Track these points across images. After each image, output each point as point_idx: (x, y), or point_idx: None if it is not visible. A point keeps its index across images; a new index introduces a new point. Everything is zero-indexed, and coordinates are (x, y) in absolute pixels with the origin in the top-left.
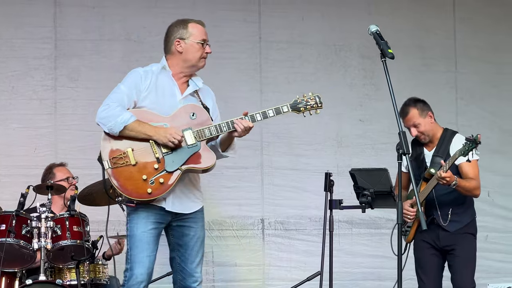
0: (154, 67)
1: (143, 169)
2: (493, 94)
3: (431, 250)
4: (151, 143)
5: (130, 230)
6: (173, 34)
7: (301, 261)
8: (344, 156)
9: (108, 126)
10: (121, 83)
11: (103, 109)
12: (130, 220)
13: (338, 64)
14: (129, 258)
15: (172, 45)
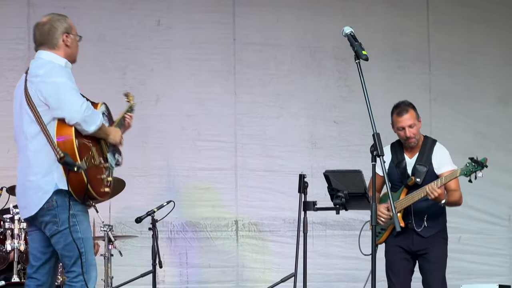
0: (56, 61)
1: (100, 168)
2: (467, 96)
3: (404, 254)
4: (102, 142)
5: (82, 232)
6: (58, 28)
7: (275, 262)
8: (319, 157)
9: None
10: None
11: (84, 107)
12: (80, 222)
13: (312, 66)
14: (84, 262)
15: (59, 39)
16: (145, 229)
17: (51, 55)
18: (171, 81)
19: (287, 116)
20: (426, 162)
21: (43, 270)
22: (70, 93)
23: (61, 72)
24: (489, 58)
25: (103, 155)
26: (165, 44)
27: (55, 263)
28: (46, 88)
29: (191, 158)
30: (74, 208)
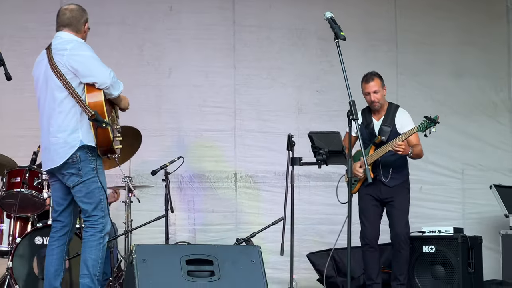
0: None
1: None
2: (427, 70)
3: (373, 201)
4: (115, 107)
5: (103, 181)
6: (83, 16)
7: (267, 208)
8: (304, 121)
9: (120, 90)
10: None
11: (112, 74)
12: (100, 173)
13: (299, 45)
14: (102, 207)
15: (83, 25)
16: (159, 180)
17: (70, 35)
18: (181, 57)
19: (277, 87)
20: (390, 123)
21: (65, 214)
22: (99, 63)
23: (87, 47)
24: (447, 38)
25: (113, 116)
26: (176, 26)
27: (74, 207)
28: (75, 59)
29: (198, 121)
30: (95, 161)
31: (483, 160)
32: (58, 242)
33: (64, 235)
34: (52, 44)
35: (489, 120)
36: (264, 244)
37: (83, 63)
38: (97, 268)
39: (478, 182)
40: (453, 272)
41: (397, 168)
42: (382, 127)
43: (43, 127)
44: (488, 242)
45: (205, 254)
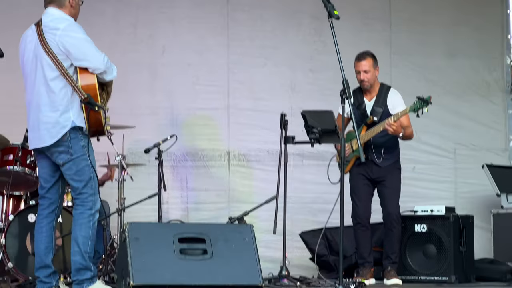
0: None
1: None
2: (421, 50)
3: (365, 180)
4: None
5: (92, 159)
6: None
7: (260, 187)
8: (297, 100)
9: (113, 74)
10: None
11: (106, 59)
12: (89, 152)
13: (292, 24)
14: (92, 185)
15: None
16: (152, 159)
17: (60, 12)
18: (174, 35)
19: (271, 65)
20: (382, 104)
21: (53, 190)
22: (92, 47)
23: (79, 29)
24: (440, 18)
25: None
26: (170, 4)
27: (62, 184)
28: (68, 41)
29: (191, 100)
30: (85, 140)
31: (475, 139)
32: (47, 219)
33: (52, 212)
34: (43, 20)
35: (482, 100)
36: (257, 222)
37: (76, 46)
38: (87, 245)
39: (470, 161)
40: (444, 251)
41: (389, 149)
42: (374, 108)
43: (32, 105)
44: (479, 221)
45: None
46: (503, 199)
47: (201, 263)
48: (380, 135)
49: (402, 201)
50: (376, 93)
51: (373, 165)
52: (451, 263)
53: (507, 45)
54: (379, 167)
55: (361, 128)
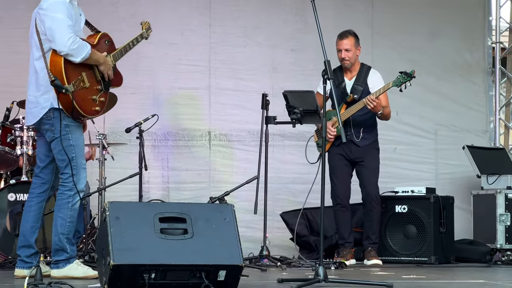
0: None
1: (91, 90)
2: (402, 30)
3: (344, 161)
4: (94, 68)
5: (74, 140)
6: None
7: (241, 167)
8: (278, 80)
9: (82, 56)
10: (61, 14)
11: (70, 42)
12: (72, 132)
13: (274, 3)
14: (74, 165)
15: None
16: (134, 138)
17: None
18: (156, 14)
19: (252, 45)
20: (363, 83)
21: (47, 171)
22: (62, 28)
23: (61, 8)
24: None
25: (96, 78)
26: None
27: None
28: (47, 21)
29: (173, 79)
30: (68, 119)
31: (456, 121)
32: (37, 199)
33: (43, 192)
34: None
35: (463, 81)
36: (238, 202)
37: (49, 27)
38: (65, 227)
39: (451, 142)
40: (424, 232)
41: (368, 128)
42: (354, 86)
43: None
44: (460, 202)
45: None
46: (483, 180)
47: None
48: (360, 114)
49: (383, 181)
50: (356, 72)
51: (352, 145)
52: (431, 243)
53: (488, 27)
54: (358, 147)
55: (341, 107)
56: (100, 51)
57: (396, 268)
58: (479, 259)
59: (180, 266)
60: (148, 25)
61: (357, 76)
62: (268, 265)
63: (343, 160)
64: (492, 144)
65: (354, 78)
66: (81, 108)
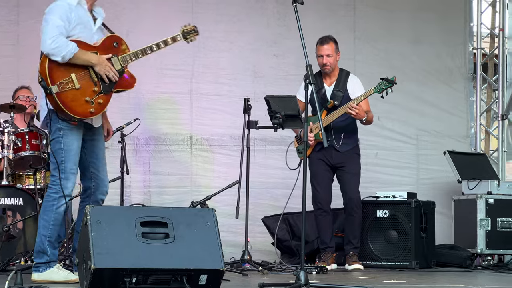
0: (69, 0)
1: (85, 91)
2: (384, 36)
3: (325, 166)
4: (89, 69)
5: (65, 145)
6: None
7: (222, 171)
8: (260, 84)
9: (62, 55)
10: (52, 15)
11: (51, 41)
12: (64, 135)
13: (256, 8)
14: (63, 169)
15: None
16: (115, 142)
17: None
18: (139, 18)
19: (235, 50)
20: (342, 88)
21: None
22: (49, 28)
23: (56, 10)
24: (405, 5)
25: (92, 79)
26: None
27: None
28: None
29: (155, 83)
30: (61, 123)
31: (437, 126)
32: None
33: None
34: None
35: (444, 87)
36: (219, 207)
37: (41, 29)
38: (48, 229)
39: (433, 148)
40: (405, 236)
41: (348, 133)
42: (334, 92)
43: None
44: (440, 207)
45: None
46: (464, 185)
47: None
48: (340, 119)
49: (364, 186)
50: (336, 78)
51: (333, 150)
52: (412, 248)
53: (469, 33)
54: (339, 152)
55: (321, 112)
56: (105, 53)
57: (377, 273)
58: (460, 264)
59: (161, 270)
60: (190, 28)
61: (336, 82)
62: (250, 269)
63: (324, 165)
64: (473, 150)
65: (334, 83)
66: (69, 110)
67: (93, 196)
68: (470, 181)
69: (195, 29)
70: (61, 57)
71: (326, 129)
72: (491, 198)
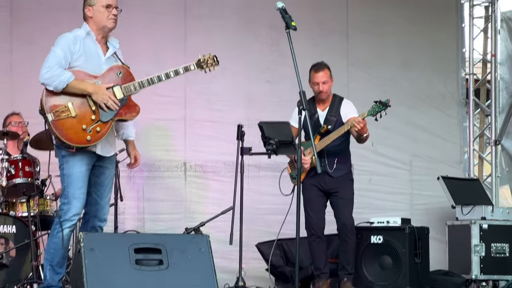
0: (79, 31)
1: (82, 120)
2: (377, 61)
3: (318, 192)
4: (87, 97)
5: (67, 170)
6: (85, 3)
7: (216, 198)
8: (254, 111)
9: (53, 85)
10: (56, 47)
11: (45, 71)
12: (66, 162)
13: (249, 34)
14: (66, 194)
15: (85, 13)
16: None
17: (84, 24)
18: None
19: (228, 76)
20: (336, 113)
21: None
22: (47, 59)
23: (60, 41)
24: (397, 30)
25: (91, 108)
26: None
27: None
28: None
29: (148, 110)
30: (64, 151)
31: (431, 151)
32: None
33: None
34: None
35: (437, 112)
36: (213, 233)
37: None
38: (49, 253)
39: (426, 173)
40: (400, 262)
41: (342, 159)
42: (328, 117)
43: None
44: (435, 233)
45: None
46: (458, 211)
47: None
48: (334, 144)
49: (358, 212)
50: (329, 103)
51: (326, 176)
52: (406, 274)
53: (462, 58)
54: (332, 177)
55: (315, 137)
56: (107, 82)
57: None
58: None
59: None
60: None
61: (330, 107)
62: None
63: (317, 191)
64: (466, 175)
65: (327, 109)
66: (64, 137)
67: (91, 222)
68: (464, 206)
69: (215, 59)
70: (54, 87)
71: (319, 154)
72: (485, 223)
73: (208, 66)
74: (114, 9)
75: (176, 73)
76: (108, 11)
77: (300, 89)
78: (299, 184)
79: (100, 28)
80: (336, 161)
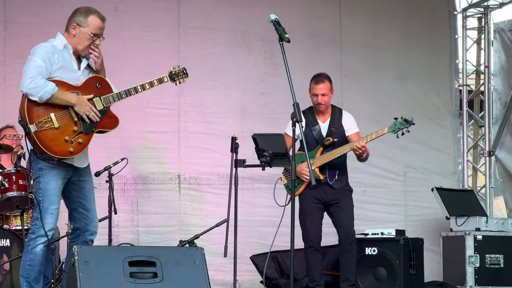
0: (55, 42)
1: (64, 131)
2: (371, 73)
3: (317, 204)
4: (69, 108)
5: (43, 184)
6: (73, 18)
7: (211, 210)
8: (248, 123)
9: (39, 95)
10: (35, 56)
11: (29, 81)
12: (43, 175)
13: (243, 47)
14: (40, 209)
15: (70, 27)
16: (103, 182)
17: (59, 35)
18: (125, 58)
19: (221, 88)
20: (338, 125)
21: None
22: (28, 69)
23: (38, 51)
24: (390, 42)
25: (73, 119)
26: (120, 27)
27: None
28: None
29: (142, 123)
30: (42, 163)
31: (425, 163)
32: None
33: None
34: None
35: (431, 124)
36: (208, 246)
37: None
38: (24, 269)
39: (420, 184)
40: (394, 274)
41: (342, 171)
42: (332, 129)
43: None
44: (429, 244)
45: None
46: (452, 222)
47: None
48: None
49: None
50: (329, 115)
51: (327, 187)
52: (401, 286)
53: (455, 70)
54: (333, 189)
55: (317, 150)
56: (87, 93)
57: None
58: None
59: None
60: (179, 70)
61: (331, 119)
62: None
63: (317, 203)
64: (460, 186)
65: (328, 120)
66: (47, 149)
67: (82, 237)
68: (458, 217)
69: (184, 71)
70: (39, 98)
71: (321, 166)
72: (480, 234)
73: (178, 78)
74: (98, 39)
75: (151, 84)
76: (92, 40)
77: (294, 101)
78: (293, 195)
79: (75, 48)
80: (337, 173)
